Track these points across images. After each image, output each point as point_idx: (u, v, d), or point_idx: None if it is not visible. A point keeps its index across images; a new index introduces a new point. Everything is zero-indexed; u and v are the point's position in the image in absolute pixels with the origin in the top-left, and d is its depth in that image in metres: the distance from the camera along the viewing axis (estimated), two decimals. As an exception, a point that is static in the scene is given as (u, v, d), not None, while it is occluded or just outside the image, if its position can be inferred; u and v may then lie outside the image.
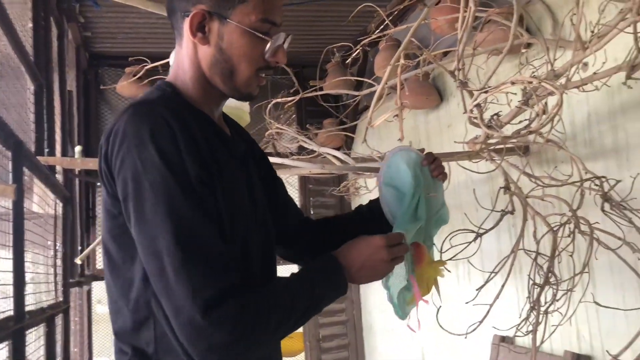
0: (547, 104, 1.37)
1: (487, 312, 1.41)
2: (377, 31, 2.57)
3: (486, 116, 1.56)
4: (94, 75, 4.19)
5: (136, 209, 0.82)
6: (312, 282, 0.89)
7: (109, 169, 0.86)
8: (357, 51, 2.70)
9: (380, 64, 3.28)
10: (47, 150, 2.49)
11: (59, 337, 2.56)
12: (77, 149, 3.32)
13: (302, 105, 4.50)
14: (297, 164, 2.42)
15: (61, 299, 2.65)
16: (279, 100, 2.83)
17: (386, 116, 1.69)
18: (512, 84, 1.30)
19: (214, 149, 0.91)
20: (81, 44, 3.82)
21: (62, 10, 3.14)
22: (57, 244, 2.69)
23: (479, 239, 1.49)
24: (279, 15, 0.95)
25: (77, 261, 3.19)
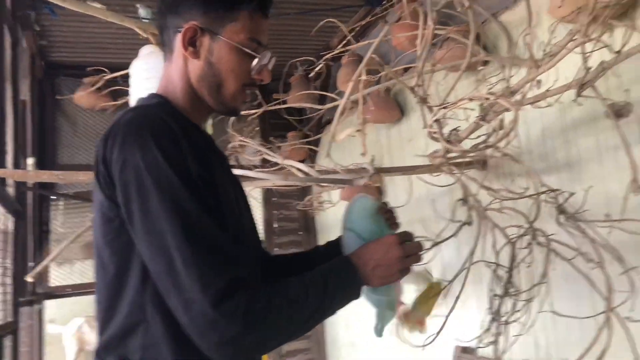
0: (503, 120, 1.41)
1: (444, 322, 1.43)
2: (339, 46, 2.61)
3: (445, 131, 1.60)
4: (50, 85, 4.07)
5: (140, 208, 0.82)
6: (325, 280, 0.89)
7: (107, 171, 0.87)
8: (320, 65, 2.73)
9: (342, 79, 3.31)
10: (-2, 162, 2.39)
11: (8, 359, 2.44)
12: (29, 160, 3.21)
13: (265, 118, 4.49)
14: (261, 175, 2.41)
15: (10, 319, 2.53)
16: (242, 112, 2.81)
17: (349, 132, 1.71)
18: (469, 100, 1.34)
19: (208, 155, 0.95)
20: (37, 53, 3.71)
21: (17, 18, 3.05)
22: (7, 261, 2.57)
23: (440, 249, 1.51)
24: (264, 36, 1.02)
25: (29, 279, 3.06)
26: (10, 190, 2.81)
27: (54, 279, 4.00)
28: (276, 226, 4.65)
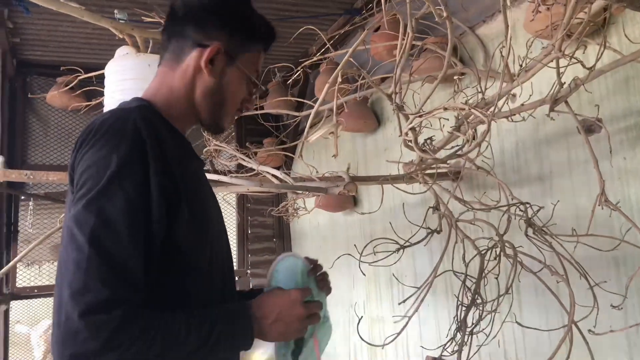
0: (476, 131, 1.42)
1: (406, 324, 1.42)
2: (318, 54, 2.61)
3: (420, 140, 1.60)
4: (22, 83, 3.98)
5: (78, 197, 0.82)
6: (213, 325, 0.86)
7: (75, 167, 0.88)
8: (298, 72, 2.73)
9: (320, 86, 3.31)
10: (-37, 160, 2.32)
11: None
12: (-1, 159, 3.12)
13: (242, 123, 4.47)
14: (235, 181, 2.39)
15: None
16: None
17: (322, 132, 1.70)
18: (444, 109, 1.34)
19: (182, 159, 0.95)
20: (8, 50, 3.63)
21: (-12, 14, 2.98)
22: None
23: (413, 258, 1.50)
24: (261, 68, 1.12)
25: (-6, 280, 2.98)
26: (-25, 189, 2.73)
27: (22, 280, 3.90)
28: (250, 232, 4.62)
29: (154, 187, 0.84)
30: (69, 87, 3.51)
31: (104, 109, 2.30)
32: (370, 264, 1.52)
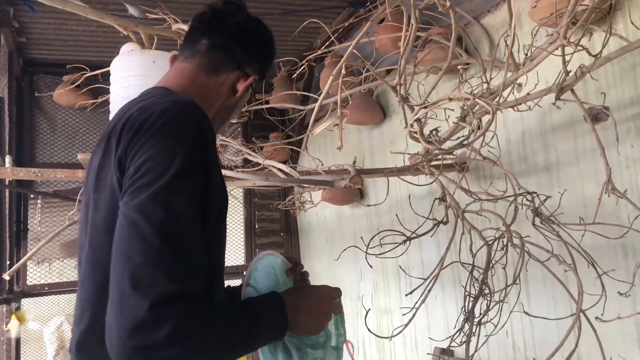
0: (481, 121, 1.42)
1: (413, 315, 1.43)
2: (322, 47, 2.60)
3: (426, 131, 1.60)
4: (29, 82, 4.00)
5: (140, 186, 0.80)
6: (256, 315, 0.87)
7: (129, 152, 0.85)
8: (303, 66, 2.72)
9: (325, 80, 3.31)
10: (-28, 159, 2.34)
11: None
12: (7, 158, 3.14)
13: (248, 118, 4.47)
14: (242, 175, 2.39)
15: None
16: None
17: (326, 124, 1.70)
18: (449, 100, 1.34)
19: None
20: (15, 50, 3.65)
21: (-6, 14, 3.00)
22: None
23: (420, 249, 1.50)
24: None
25: (5, 277, 3.01)
26: (-15, 188, 2.75)
27: (32, 278, 3.94)
28: (257, 227, 4.63)
29: (215, 187, 0.86)
30: (75, 85, 3.53)
31: (110, 105, 2.31)
32: (377, 256, 1.52)
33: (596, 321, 1.32)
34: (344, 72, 1.66)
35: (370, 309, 3.48)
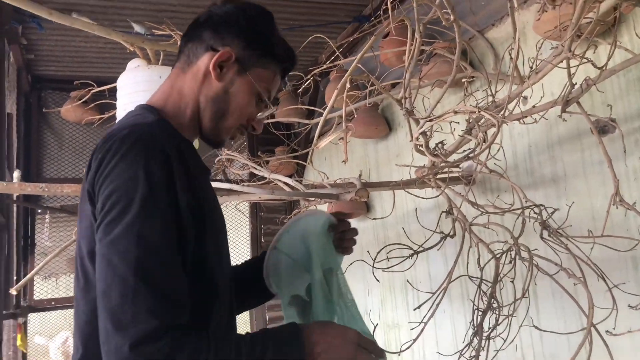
0: (487, 133, 1.42)
1: (422, 330, 1.41)
2: (327, 62, 2.61)
3: (431, 144, 1.60)
4: (37, 98, 4.04)
5: (110, 222, 0.80)
6: (265, 348, 0.82)
7: (95, 185, 0.85)
8: (308, 81, 2.74)
9: (330, 94, 3.32)
10: (-19, 175, 2.36)
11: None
12: (15, 173, 3.16)
13: (253, 132, 4.48)
14: (247, 189, 2.40)
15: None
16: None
17: (331, 138, 1.70)
18: (455, 113, 1.34)
19: (198, 172, 0.95)
20: (23, 67, 3.70)
21: (3, 32, 3.04)
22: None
23: (427, 263, 1.49)
24: (275, 92, 1.09)
25: (13, 291, 3.02)
26: (-7, 203, 2.77)
27: (40, 293, 3.95)
28: (263, 241, 4.62)
29: (184, 206, 0.84)
30: (82, 100, 3.56)
31: (117, 121, 2.33)
32: (384, 269, 1.51)
33: (607, 335, 1.31)
34: (348, 86, 1.67)
35: (377, 324, 3.45)
